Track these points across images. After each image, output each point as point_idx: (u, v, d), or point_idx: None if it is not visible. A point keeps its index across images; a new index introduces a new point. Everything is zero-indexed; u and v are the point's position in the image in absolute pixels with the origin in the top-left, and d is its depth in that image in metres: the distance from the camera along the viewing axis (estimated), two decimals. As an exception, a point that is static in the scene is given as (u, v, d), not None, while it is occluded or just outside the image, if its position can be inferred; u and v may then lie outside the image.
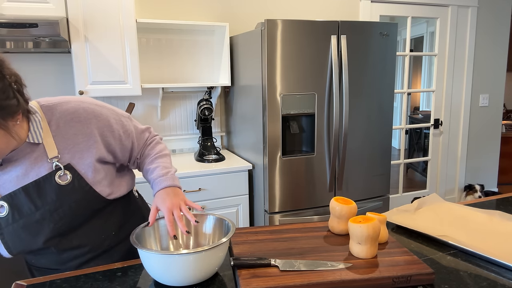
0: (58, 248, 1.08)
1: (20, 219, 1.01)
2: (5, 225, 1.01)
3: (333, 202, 1.21)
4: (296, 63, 2.23)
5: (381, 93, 2.48)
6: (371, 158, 2.53)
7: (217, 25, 2.62)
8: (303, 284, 0.91)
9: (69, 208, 1.03)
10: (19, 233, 1.02)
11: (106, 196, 1.10)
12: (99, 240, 1.13)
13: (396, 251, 1.07)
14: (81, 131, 1.04)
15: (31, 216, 1.01)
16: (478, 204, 1.57)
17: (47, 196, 1.00)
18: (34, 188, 0.99)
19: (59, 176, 1.01)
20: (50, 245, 1.06)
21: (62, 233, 1.06)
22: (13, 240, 1.03)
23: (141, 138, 1.21)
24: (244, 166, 2.48)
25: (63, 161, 1.02)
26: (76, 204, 1.04)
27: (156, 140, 1.25)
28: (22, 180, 0.99)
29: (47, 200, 1.01)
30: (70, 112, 1.03)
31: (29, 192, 0.99)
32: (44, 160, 1.00)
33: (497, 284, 0.97)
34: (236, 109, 2.74)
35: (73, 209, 1.04)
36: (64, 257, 1.10)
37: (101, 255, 1.15)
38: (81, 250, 1.11)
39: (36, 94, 2.48)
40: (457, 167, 3.89)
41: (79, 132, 1.03)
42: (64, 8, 2.14)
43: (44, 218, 1.02)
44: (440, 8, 3.52)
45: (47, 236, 1.04)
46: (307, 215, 2.42)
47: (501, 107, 3.98)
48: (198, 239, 1.13)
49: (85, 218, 1.09)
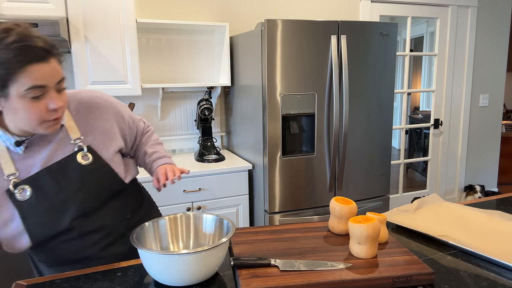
0: (81, 230, 1.08)
1: (45, 200, 1.01)
2: (28, 209, 1.00)
3: (333, 202, 1.21)
4: (296, 63, 2.23)
5: (381, 93, 2.48)
6: (371, 158, 2.53)
7: (217, 25, 2.62)
8: (303, 284, 0.91)
9: (91, 188, 1.07)
10: (44, 216, 1.02)
11: (123, 178, 1.15)
12: (117, 222, 1.16)
13: (396, 251, 1.07)
14: (100, 117, 1.11)
15: (55, 197, 1.02)
16: (478, 204, 1.57)
17: (71, 176, 1.03)
18: (58, 168, 1.02)
19: (81, 157, 1.05)
20: (74, 226, 1.06)
21: (84, 214, 1.08)
22: (37, 224, 1.02)
23: (139, 126, 1.30)
24: (244, 166, 2.48)
25: (84, 143, 1.08)
26: (98, 184, 1.08)
27: (151, 130, 1.36)
28: (45, 164, 1.02)
29: (71, 179, 1.03)
30: (87, 99, 1.11)
31: (53, 172, 1.02)
32: (67, 142, 1.05)
33: (497, 284, 0.97)
34: (236, 109, 2.74)
35: (95, 189, 1.07)
36: (84, 243, 1.10)
37: (118, 240, 1.16)
38: (101, 233, 1.12)
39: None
40: (457, 167, 3.89)
41: (98, 117, 1.11)
42: (64, 8, 2.14)
43: (68, 199, 1.03)
44: (440, 8, 3.52)
45: (71, 216, 1.05)
46: (307, 215, 2.42)
47: (501, 107, 3.98)
48: (198, 239, 1.13)
49: (105, 199, 1.12)
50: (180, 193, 2.34)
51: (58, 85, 0.93)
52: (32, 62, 0.86)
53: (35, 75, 0.86)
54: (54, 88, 0.92)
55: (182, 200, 2.35)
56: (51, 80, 0.90)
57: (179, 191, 2.33)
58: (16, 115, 0.91)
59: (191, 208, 2.38)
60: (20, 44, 0.84)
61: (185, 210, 2.36)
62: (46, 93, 0.91)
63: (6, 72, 0.84)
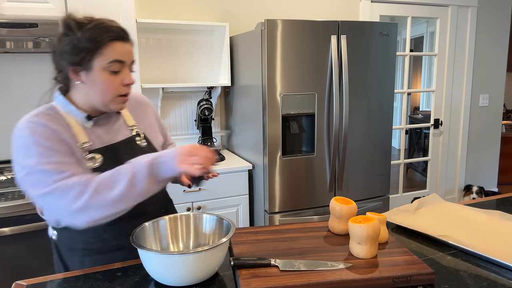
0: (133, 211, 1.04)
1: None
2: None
3: (333, 202, 1.21)
4: (296, 63, 2.23)
5: (381, 93, 2.48)
6: (371, 158, 2.53)
7: (217, 25, 2.62)
8: (303, 284, 0.91)
9: None
10: None
11: None
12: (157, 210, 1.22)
13: (396, 251, 1.07)
14: (146, 112, 1.27)
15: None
16: (478, 204, 1.57)
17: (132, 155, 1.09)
18: (123, 146, 1.14)
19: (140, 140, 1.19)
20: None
21: None
22: None
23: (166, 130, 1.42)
24: (244, 166, 2.48)
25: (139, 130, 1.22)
26: None
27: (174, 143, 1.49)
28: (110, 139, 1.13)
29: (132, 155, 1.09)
30: (135, 95, 1.27)
31: (119, 148, 1.13)
32: (125, 127, 1.18)
33: (497, 284, 0.97)
34: (236, 109, 2.74)
35: None
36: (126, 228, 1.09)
37: None
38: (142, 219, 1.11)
39: (36, 94, 2.48)
40: (457, 167, 3.89)
41: (145, 112, 1.27)
42: (64, 8, 2.14)
43: None
44: (440, 8, 3.52)
45: None
46: (307, 215, 2.42)
47: (501, 107, 3.98)
48: (198, 239, 1.13)
49: None
50: (180, 193, 2.34)
51: (131, 66, 1.08)
52: (117, 39, 1.02)
53: (118, 50, 1.02)
54: (129, 67, 1.07)
55: (182, 200, 2.35)
56: (128, 58, 1.05)
57: (179, 191, 2.33)
58: (93, 88, 1.03)
59: (191, 208, 2.38)
60: (108, 24, 1.02)
61: (185, 210, 2.36)
62: (122, 69, 1.05)
63: (95, 46, 0.99)
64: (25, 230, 1.85)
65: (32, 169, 0.96)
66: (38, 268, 1.91)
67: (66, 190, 0.95)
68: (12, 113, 2.44)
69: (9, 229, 1.82)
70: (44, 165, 0.96)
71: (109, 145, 1.11)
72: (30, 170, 0.96)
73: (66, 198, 0.95)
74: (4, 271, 1.86)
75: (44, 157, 0.97)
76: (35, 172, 0.96)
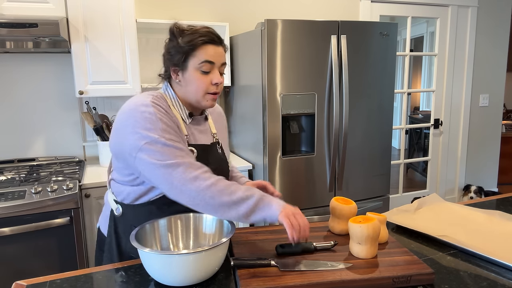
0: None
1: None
2: None
3: (333, 202, 1.22)
4: (296, 63, 2.23)
5: (381, 93, 2.48)
6: (371, 158, 2.53)
7: (217, 25, 2.62)
8: (303, 284, 0.91)
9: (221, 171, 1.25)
10: None
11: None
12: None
13: (396, 251, 1.07)
14: (222, 125, 1.41)
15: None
16: (478, 204, 1.57)
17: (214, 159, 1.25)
18: (209, 148, 1.25)
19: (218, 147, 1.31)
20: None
21: None
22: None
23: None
24: (244, 166, 2.48)
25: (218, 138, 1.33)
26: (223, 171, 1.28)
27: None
28: (201, 139, 1.25)
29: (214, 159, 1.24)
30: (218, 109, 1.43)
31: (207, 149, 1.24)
32: (209, 133, 1.30)
33: (497, 284, 0.97)
34: (236, 109, 2.74)
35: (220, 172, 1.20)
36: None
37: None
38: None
39: (36, 94, 2.48)
40: (457, 167, 3.89)
41: (221, 125, 1.40)
42: (64, 8, 2.14)
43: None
44: (440, 8, 3.52)
45: None
46: (307, 215, 2.42)
47: (501, 107, 3.98)
48: (198, 239, 1.13)
49: None
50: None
51: (221, 67, 1.19)
52: (209, 43, 1.15)
53: (209, 52, 1.15)
54: (219, 68, 1.18)
55: (182, 200, 2.35)
56: (218, 60, 1.17)
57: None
58: (189, 86, 1.18)
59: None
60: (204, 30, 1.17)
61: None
62: (212, 69, 1.17)
63: (190, 48, 1.14)
64: (25, 230, 1.85)
65: (156, 140, 1.06)
66: (38, 268, 1.91)
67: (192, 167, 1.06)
68: (12, 113, 2.44)
69: (9, 229, 1.82)
70: (167, 140, 1.08)
71: (202, 144, 1.23)
72: (153, 140, 1.06)
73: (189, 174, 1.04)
74: (4, 271, 1.86)
75: (167, 133, 1.09)
76: (158, 143, 1.06)
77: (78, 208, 1.96)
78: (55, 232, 1.93)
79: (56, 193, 1.92)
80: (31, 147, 2.51)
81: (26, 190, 1.93)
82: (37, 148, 2.52)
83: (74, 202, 1.95)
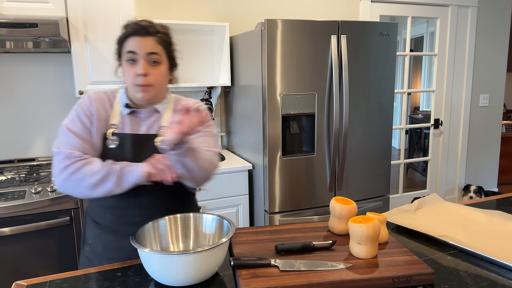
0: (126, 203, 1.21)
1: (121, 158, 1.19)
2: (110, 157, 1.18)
3: (333, 202, 1.21)
4: (296, 63, 2.23)
5: (381, 93, 2.47)
6: (371, 158, 2.53)
7: (217, 25, 2.61)
8: (303, 284, 0.91)
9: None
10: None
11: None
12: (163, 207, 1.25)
13: (396, 251, 1.07)
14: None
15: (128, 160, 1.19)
16: (478, 204, 1.57)
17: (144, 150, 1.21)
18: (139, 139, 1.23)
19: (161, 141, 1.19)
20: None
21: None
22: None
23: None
24: (244, 166, 2.48)
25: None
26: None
27: None
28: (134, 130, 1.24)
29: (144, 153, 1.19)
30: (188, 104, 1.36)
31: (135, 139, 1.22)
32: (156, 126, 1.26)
33: (497, 284, 0.97)
34: (236, 109, 2.74)
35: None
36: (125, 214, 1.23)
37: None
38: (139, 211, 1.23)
39: (36, 94, 2.48)
40: (457, 167, 3.89)
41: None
42: (64, 8, 2.14)
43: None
44: (440, 8, 3.52)
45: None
46: (307, 215, 2.42)
47: (501, 107, 3.98)
48: (198, 239, 1.13)
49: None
50: (180, 193, 2.34)
51: (148, 56, 1.18)
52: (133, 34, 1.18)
53: (132, 43, 1.18)
54: (145, 58, 1.17)
55: (182, 200, 2.35)
56: (141, 50, 1.17)
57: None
58: (124, 78, 1.22)
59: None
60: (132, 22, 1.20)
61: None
62: (137, 60, 1.17)
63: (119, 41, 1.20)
64: (25, 230, 1.85)
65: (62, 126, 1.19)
66: (38, 268, 1.91)
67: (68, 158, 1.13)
68: (12, 113, 2.44)
69: (9, 229, 1.82)
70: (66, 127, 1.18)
71: (129, 133, 1.23)
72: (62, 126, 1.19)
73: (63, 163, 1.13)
74: (4, 271, 1.86)
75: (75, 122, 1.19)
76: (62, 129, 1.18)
77: (78, 208, 1.96)
78: (55, 232, 1.93)
79: (56, 193, 1.92)
80: (31, 147, 2.51)
81: (26, 190, 1.93)
82: (37, 148, 2.52)
83: (74, 202, 1.95)
